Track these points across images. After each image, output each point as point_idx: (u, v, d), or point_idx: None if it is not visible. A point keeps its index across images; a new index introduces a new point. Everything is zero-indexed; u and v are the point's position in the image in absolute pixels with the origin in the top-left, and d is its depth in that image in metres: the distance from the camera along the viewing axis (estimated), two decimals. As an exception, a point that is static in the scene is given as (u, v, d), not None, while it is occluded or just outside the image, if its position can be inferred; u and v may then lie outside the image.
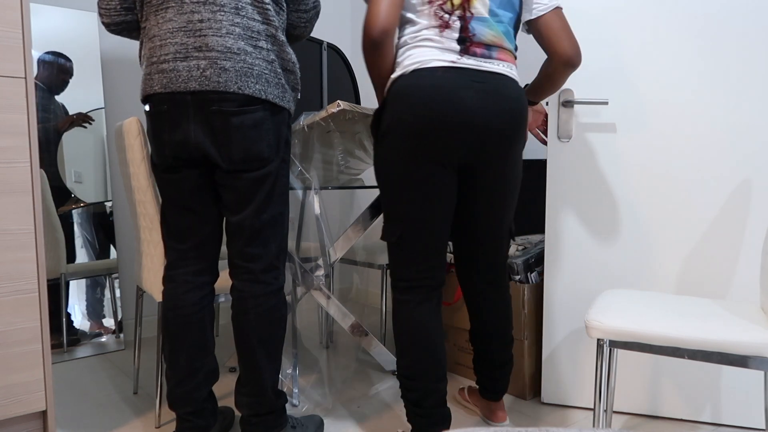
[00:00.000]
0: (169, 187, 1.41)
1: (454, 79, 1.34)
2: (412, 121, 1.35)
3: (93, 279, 2.38)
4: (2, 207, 1.38)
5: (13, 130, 1.39)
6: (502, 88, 1.38)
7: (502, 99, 1.37)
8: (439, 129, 1.34)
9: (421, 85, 1.34)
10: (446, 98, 1.33)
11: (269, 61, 1.35)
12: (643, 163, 1.72)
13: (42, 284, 1.45)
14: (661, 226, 1.72)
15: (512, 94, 1.39)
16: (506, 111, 1.38)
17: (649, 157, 1.72)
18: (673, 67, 1.68)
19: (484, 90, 1.36)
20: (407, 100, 1.35)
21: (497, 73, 1.38)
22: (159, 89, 1.33)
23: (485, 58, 1.38)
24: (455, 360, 2.12)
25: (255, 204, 1.38)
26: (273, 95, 1.35)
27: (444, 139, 1.35)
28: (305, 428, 1.55)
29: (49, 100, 2.27)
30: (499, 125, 1.37)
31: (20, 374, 1.43)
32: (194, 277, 1.46)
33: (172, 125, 1.34)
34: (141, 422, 1.73)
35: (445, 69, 1.35)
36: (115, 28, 1.44)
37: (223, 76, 1.29)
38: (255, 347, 1.41)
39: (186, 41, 1.30)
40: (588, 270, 1.79)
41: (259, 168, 1.36)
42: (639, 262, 1.74)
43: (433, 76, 1.34)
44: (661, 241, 1.72)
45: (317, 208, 2.06)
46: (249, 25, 1.32)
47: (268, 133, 1.36)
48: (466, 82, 1.34)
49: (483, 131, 1.36)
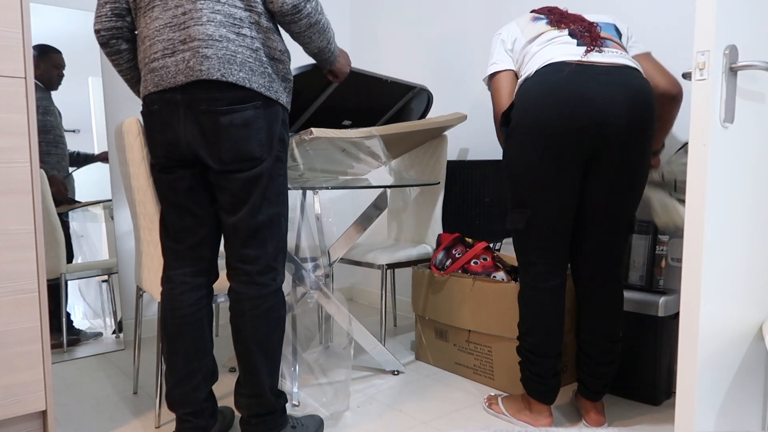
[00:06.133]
0: (165, 187, 1.41)
1: (580, 74, 1.44)
2: (540, 117, 1.45)
3: (93, 279, 2.38)
4: (2, 207, 1.38)
5: (13, 130, 1.39)
6: (627, 78, 1.46)
7: (627, 90, 1.45)
8: (567, 123, 1.43)
9: (549, 81, 1.45)
10: (573, 93, 1.43)
11: (253, 49, 1.32)
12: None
13: (42, 284, 1.44)
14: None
15: (637, 84, 1.47)
16: (633, 102, 1.44)
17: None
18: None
19: (611, 82, 1.44)
20: (535, 97, 1.46)
21: (622, 65, 1.47)
22: (152, 88, 1.33)
23: (607, 49, 1.51)
24: (455, 360, 2.11)
25: (250, 205, 1.37)
26: (258, 84, 1.32)
27: (572, 132, 1.44)
28: (305, 428, 1.55)
29: (48, 99, 2.27)
30: (627, 117, 1.44)
31: (20, 374, 1.42)
32: (192, 278, 1.46)
33: (163, 125, 1.34)
34: (141, 422, 1.73)
35: (570, 65, 1.46)
36: (105, 34, 1.43)
37: (205, 64, 1.27)
38: (252, 349, 1.40)
39: (172, 36, 1.30)
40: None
41: (250, 168, 1.34)
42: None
43: (559, 72, 1.45)
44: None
45: (317, 208, 2.05)
46: (230, 12, 1.29)
47: (259, 131, 1.34)
48: (592, 76, 1.44)
49: (610, 123, 1.44)
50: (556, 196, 1.51)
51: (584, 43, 1.53)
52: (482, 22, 2.60)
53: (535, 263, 1.58)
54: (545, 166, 1.49)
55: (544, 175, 1.50)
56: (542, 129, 1.46)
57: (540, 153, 1.48)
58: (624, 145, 1.47)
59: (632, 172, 1.51)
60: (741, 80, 1.15)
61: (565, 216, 1.54)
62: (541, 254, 1.57)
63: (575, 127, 1.44)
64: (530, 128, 1.49)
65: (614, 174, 1.50)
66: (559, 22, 1.62)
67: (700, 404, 1.14)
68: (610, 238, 1.57)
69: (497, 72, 1.70)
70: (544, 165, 1.49)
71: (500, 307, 1.91)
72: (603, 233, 1.57)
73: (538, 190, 1.52)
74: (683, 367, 1.12)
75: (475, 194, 2.48)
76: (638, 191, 1.55)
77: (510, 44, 1.69)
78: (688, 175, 1.10)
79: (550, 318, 1.58)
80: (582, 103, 1.43)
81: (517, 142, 1.53)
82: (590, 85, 1.43)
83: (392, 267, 2.30)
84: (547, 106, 1.45)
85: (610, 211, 1.55)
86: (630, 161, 1.49)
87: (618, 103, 1.43)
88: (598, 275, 1.61)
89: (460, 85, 2.74)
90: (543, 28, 1.62)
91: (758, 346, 1.32)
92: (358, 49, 3.31)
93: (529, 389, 1.63)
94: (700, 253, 1.09)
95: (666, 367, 1.84)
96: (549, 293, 1.58)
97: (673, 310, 1.81)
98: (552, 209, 1.52)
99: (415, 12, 2.92)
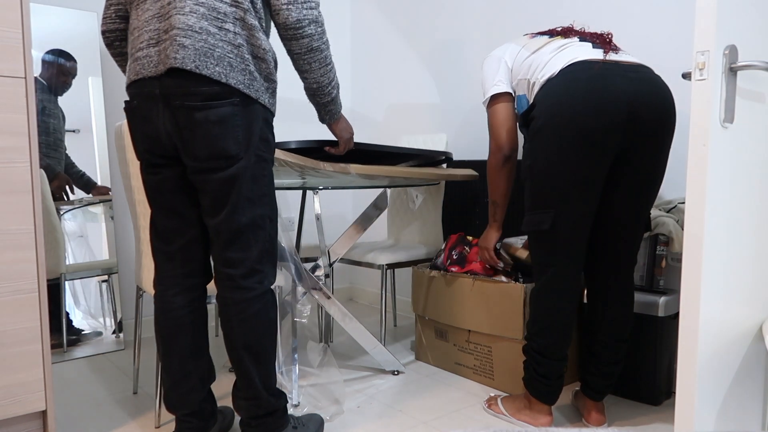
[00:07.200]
0: (152, 189, 1.41)
1: (609, 71, 1.45)
2: (574, 113, 1.43)
3: (93, 279, 2.38)
4: (2, 207, 1.38)
5: (13, 130, 1.39)
6: (653, 76, 1.48)
7: (655, 87, 1.46)
8: (603, 118, 1.42)
9: (581, 78, 1.44)
10: (608, 88, 1.43)
11: (236, 45, 1.29)
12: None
13: (42, 284, 1.44)
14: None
15: (661, 82, 1.49)
16: (661, 99, 1.46)
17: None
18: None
19: (640, 79, 1.45)
20: (567, 94, 1.45)
21: (642, 64, 1.50)
22: (133, 77, 1.32)
23: (621, 52, 1.54)
24: (455, 360, 2.11)
25: (230, 206, 1.33)
26: (236, 81, 1.28)
27: (607, 128, 1.43)
28: (306, 428, 1.55)
29: (53, 102, 2.27)
30: (657, 113, 1.45)
31: (20, 374, 1.42)
32: (183, 279, 1.45)
33: (143, 120, 1.33)
34: (141, 422, 1.73)
35: (597, 63, 1.46)
36: (110, 35, 1.46)
37: (180, 53, 1.24)
38: (241, 353, 1.39)
39: (158, 26, 1.29)
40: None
41: (226, 166, 1.31)
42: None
43: (589, 69, 1.45)
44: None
45: (317, 208, 2.05)
46: (215, 6, 1.27)
47: (236, 129, 1.30)
48: (620, 74, 1.44)
49: (643, 119, 1.44)
50: (585, 195, 1.49)
51: (599, 45, 1.53)
52: (482, 27, 2.60)
53: (555, 264, 1.56)
54: (577, 162, 1.46)
55: (575, 173, 1.47)
56: (577, 125, 1.44)
57: (572, 150, 1.46)
58: (652, 140, 1.47)
59: (657, 168, 1.52)
60: (741, 80, 1.15)
61: (591, 215, 1.53)
62: (563, 255, 1.54)
63: (611, 123, 1.43)
64: (562, 126, 1.45)
65: (641, 170, 1.50)
66: (564, 34, 1.62)
67: (700, 404, 1.14)
68: (630, 236, 1.58)
69: (498, 94, 1.68)
70: (576, 162, 1.46)
71: (500, 307, 1.91)
72: (625, 232, 1.57)
73: (568, 188, 1.48)
74: (683, 367, 1.12)
75: (475, 194, 2.48)
76: (658, 187, 1.56)
77: (511, 61, 1.67)
78: (688, 175, 1.10)
79: (564, 320, 1.57)
80: (617, 98, 1.42)
81: (545, 141, 1.49)
82: (621, 81, 1.43)
83: (392, 267, 2.30)
84: (581, 102, 1.43)
85: (634, 209, 1.55)
86: (657, 157, 1.50)
87: (648, 100, 1.44)
88: (615, 274, 1.61)
89: (460, 85, 2.74)
90: (547, 40, 1.62)
91: (758, 346, 1.32)
92: (358, 51, 3.31)
93: (532, 389, 1.63)
94: (700, 253, 1.09)
95: (666, 367, 1.84)
96: (566, 295, 1.56)
97: (673, 310, 1.81)
98: (580, 208, 1.50)
99: (415, 17, 2.92)
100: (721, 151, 1.11)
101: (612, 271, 1.61)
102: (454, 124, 2.77)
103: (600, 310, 1.62)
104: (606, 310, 1.61)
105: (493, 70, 1.70)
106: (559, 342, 1.57)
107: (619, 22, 2.10)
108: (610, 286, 1.61)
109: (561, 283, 1.56)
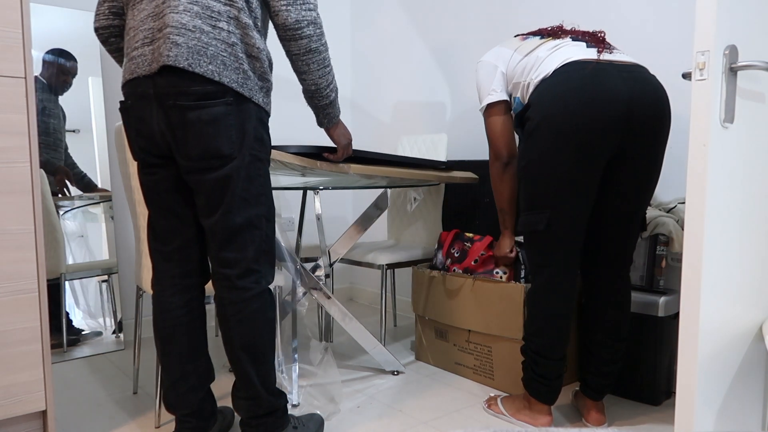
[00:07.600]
0: (148, 189, 1.41)
1: (603, 71, 1.45)
2: (569, 113, 1.43)
3: (93, 279, 2.38)
4: (2, 207, 1.38)
5: (13, 130, 1.39)
6: (647, 75, 1.48)
7: (650, 86, 1.46)
8: (598, 118, 1.42)
9: (575, 78, 1.44)
10: (602, 88, 1.42)
11: (230, 43, 1.29)
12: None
13: (42, 284, 1.44)
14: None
15: (655, 81, 1.49)
16: (655, 98, 1.46)
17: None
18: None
19: (634, 79, 1.45)
20: (562, 94, 1.44)
21: (636, 63, 1.50)
22: (128, 76, 1.33)
23: (615, 51, 1.54)
24: (455, 360, 2.11)
25: (225, 206, 1.33)
26: (230, 79, 1.28)
27: (602, 127, 1.43)
28: (306, 428, 1.55)
29: (53, 102, 2.27)
30: (652, 112, 1.45)
31: (20, 374, 1.42)
32: (181, 279, 1.45)
33: (138, 120, 1.34)
34: (141, 422, 1.73)
35: (591, 63, 1.46)
36: (103, 32, 1.47)
37: (173, 51, 1.25)
38: (239, 353, 1.39)
39: (152, 25, 1.29)
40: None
41: (219, 166, 1.31)
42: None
43: (583, 69, 1.45)
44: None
45: (317, 208, 2.05)
46: (208, 5, 1.27)
47: (229, 128, 1.30)
48: (614, 73, 1.44)
49: (638, 118, 1.44)
50: (581, 195, 1.49)
51: (593, 45, 1.53)
52: (482, 27, 2.60)
53: (551, 265, 1.56)
54: (572, 163, 1.46)
55: (570, 173, 1.47)
56: (571, 126, 1.44)
57: (568, 150, 1.45)
58: (648, 140, 1.48)
59: (653, 168, 1.52)
60: (741, 80, 1.15)
61: (586, 215, 1.53)
62: (559, 255, 1.54)
63: (606, 122, 1.42)
64: (557, 125, 1.45)
65: (637, 170, 1.51)
66: (555, 34, 1.61)
67: (700, 404, 1.14)
68: (626, 235, 1.58)
69: (494, 103, 1.69)
70: (571, 162, 1.46)
71: (500, 307, 1.91)
72: (621, 231, 1.57)
73: (563, 188, 1.48)
74: (683, 367, 1.12)
75: (475, 194, 2.48)
76: (654, 187, 1.56)
77: (504, 67, 1.66)
78: (688, 175, 1.10)
79: (561, 320, 1.57)
80: (612, 98, 1.42)
81: (540, 141, 1.49)
82: (616, 81, 1.43)
83: (392, 267, 2.30)
84: (576, 102, 1.43)
85: (630, 209, 1.55)
86: (652, 156, 1.50)
87: (643, 99, 1.44)
88: (611, 273, 1.61)
89: (460, 85, 2.74)
90: (539, 42, 1.61)
91: (758, 346, 1.32)
92: (358, 53, 3.31)
93: (531, 389, 1.63)
94: (700, 253, 1.08)
95: (666, 367, 1.84)
96: (562, 295, 1.57)
97: (673, 310, 1.81)
98: (575, 209, 1.50)
99: (415, 17, 2.92)
100: (721, 151, 1.11)
101: (608, 270, 1.61)
102: (454, 124, 2.78)
103: (597, 310, 1.62)
104: (603, 309, 1.61)
105: (488, 78, 1.69)
106: (556, 342, 1.57)
107: (619, 22, 2.10)
108: (606, 285, 1.62)
109: (557, 284, 1.56)
